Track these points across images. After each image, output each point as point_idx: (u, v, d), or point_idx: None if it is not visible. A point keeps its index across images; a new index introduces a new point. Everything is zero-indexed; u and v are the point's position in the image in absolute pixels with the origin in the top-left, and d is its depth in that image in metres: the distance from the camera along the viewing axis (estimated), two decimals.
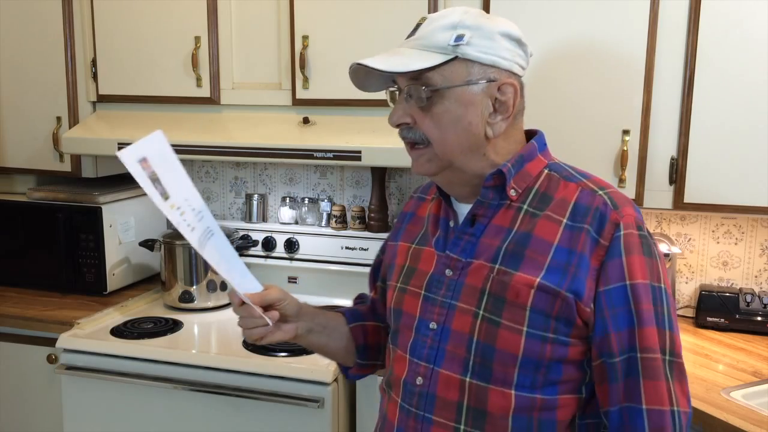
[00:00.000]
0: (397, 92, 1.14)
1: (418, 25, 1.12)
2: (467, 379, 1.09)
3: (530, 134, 1.21)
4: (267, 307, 1.20)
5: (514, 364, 1.07)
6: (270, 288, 1.23)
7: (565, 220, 1.09)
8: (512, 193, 1.13)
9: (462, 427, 1.10)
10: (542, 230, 1.09)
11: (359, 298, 1.48)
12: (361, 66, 1.09)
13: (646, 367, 1.04)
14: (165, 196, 1.08)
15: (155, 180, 1.07)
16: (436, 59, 1.07)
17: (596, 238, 1.06)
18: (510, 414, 1.08)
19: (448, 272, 1.15)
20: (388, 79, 1.13)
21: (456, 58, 1.07)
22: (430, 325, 1.15)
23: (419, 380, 1.14)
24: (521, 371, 1.07)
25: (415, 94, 1.09)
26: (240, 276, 1.17)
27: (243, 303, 1.17)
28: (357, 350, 1.36)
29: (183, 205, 1.12)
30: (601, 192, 1.11)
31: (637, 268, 1.05)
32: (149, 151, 1.08)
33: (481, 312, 1.10)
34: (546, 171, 1.16)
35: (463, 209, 1.18)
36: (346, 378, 1.46)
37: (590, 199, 1.10)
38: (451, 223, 1.19)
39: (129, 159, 1.05)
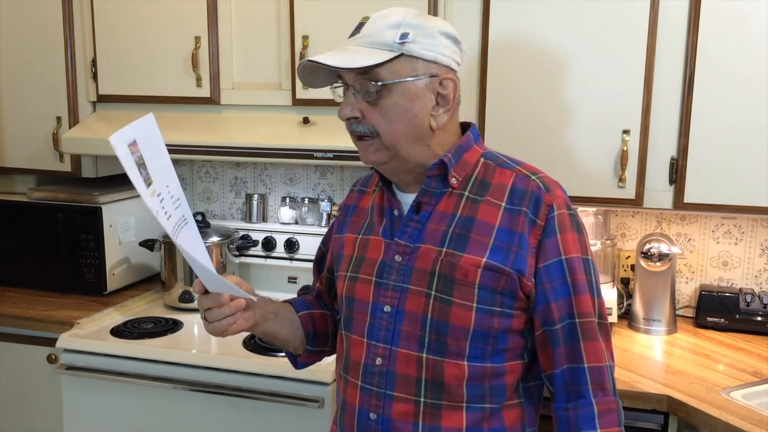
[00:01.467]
0: (343, 88, 1.21)
1: (360, 25, 1.19)
2: (423, 355, 1.19)
3: (464, 126, 1.30)
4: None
5: (466, 338, 1.17)
6: (230, 276, 1.28)
7: (504, 204, 1.20)
8: (453, 181, 1.22)
9: (422, 399, 1.19)
10: (484, 214, 1.19)
11: (303, 290, 1.55)
12: (313, 63, 1.16)
13: (585, 330, 1.18)
14: (148, 181, 1.08)
15: (141, 165, 1.07)
16: (385, 56, 1.15)
17: (533, 219, 1.18)
18: (464, 383, 1.18)
19: (397, 258, 1.23)
20: (333, 75, 1.21)
21: (402, 54, 1.15)
22: (385, 309, 1.22)
23: (379, 360, 1.22)
24: (472, 343, 1.17)
25: (363, 88, 1.17)
26: (208, 264, 1.17)
27: (206, 292, 1.21)
28: (306, 337, 1.41)
29: (163, 192, 1.12)
30: (534, 177, 1.22)
31: (570, 244, 1.18)
32: (139, 135, 1.09)
33: (432, 292, 1.19)
34: (482, 159, 1.26)
35: (406, 198, 1.27)
36: (296, 368, 1.49)
37: (525, 183, 1.21)
38: (396, 212, 1.27)
39: (119, 142, 1.04)
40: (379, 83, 1.15)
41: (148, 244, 2.45)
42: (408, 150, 1.20)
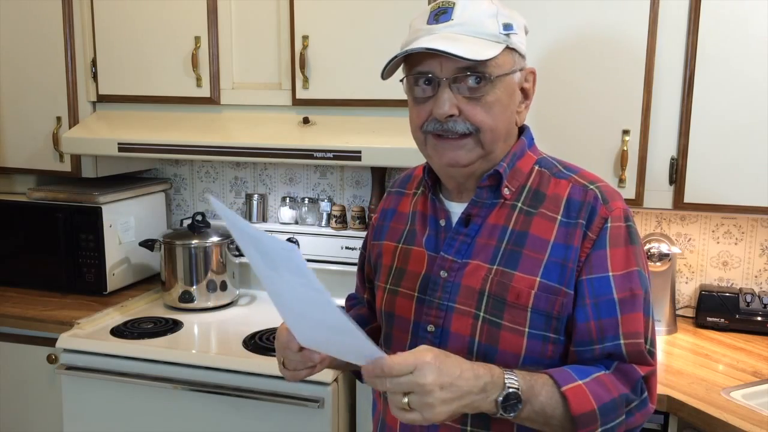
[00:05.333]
0: (428, 82, 1.09)
1: (444, 10, 1.08)
2: None
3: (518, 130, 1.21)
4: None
5: (516, 364, 1.08)
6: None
7: (560, 217, 1.10)
8: (506, 192, 1.13)
9: (468, 428, 1.11)
10: (538, 228, 1.10)
11: (351, 299, 1.46)
12: (436, 51, 1.03)
13: (631, 353, 1.08)
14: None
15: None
16: (496, 48, 1.07)
17: (586, 232, 1.09)
18: None
19: (443, 273, 1.14)
20: (398, 66, 1.11)
21: (506, 47, 1.09)
22: (428, 328, 1.14)
23: None
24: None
25: (465, 82, 1.07)
26: (358, 345, 0.99)
27: (301, 349, 1.12)
28: None
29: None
30: (592, 186, 1.12)
31: (621, 259, 1.08)
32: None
33: (481, 314, 1.09)
34: (537, 168, 1.17)
35: (454, 207, 1.18)
36: (362, 382, 1.41)
37: (582, 194, 1.11)
38: (442, 222, 1.18)
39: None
40: (490, 76, 1.07)
41: (148, 244, 2.45)
42: (499, 150, 1.13)
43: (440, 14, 1.08)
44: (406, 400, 0.94)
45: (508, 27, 1.08)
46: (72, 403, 2.10)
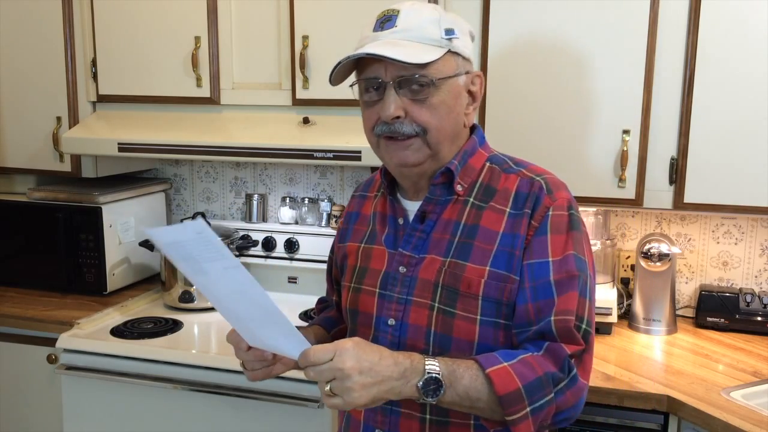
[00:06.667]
0: (376, 86, 1.14)
1: (389, 18, 1.14)
2: None
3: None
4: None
5: (470, 351, 1.13)
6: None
7: (508, 209, 1.16)
8: (459, 188, 1.19)
9: (427, 416, 1.16)
10: (488, 221, 1.16)
11: (322, 302, 1.51)
12: (376, 56, 1.10)
13: (560, 329, 1.10)
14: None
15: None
16: (437, 52, 1.12)
17: (530, 221, 1.14)
18: None
19: (401, 269, 1.19)
20: (350, 71, 1.18)
21: (448, 51, 1.13)
22: (389, 322, 1.19)
23: None
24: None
25: (409, 85, 1.12)
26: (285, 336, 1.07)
27: (249, 348, 1.16)
28: None
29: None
30: (538, 178, 1.18)
31: (560, 245, 1.12)
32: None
33: (436, 304, 1.15)
34: (488, 164, 1.22)
35: (412, 206, 1.23)
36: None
37: (529, 185, 1.17)
38: (401, 221, 1.23)
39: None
40: (432, 79, 1.11)
41: (148, 244, 2.45)
42: (446, 150, 1.17)
43: (385, 22, 1.15)
44: (328, 387, 1.01)
45: (449, 32, 1.13)
46: (72, 403, 2.10)
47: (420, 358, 1.04)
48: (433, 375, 1.02)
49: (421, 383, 1.02)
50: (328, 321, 1.42)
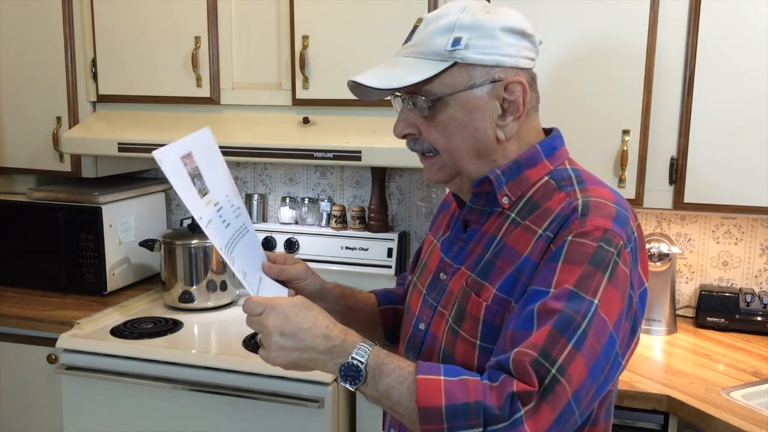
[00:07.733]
0: (401, 99, 1.09)
1: (414, 28, 1.07)
2: None
3: (548, 133, 1.15)
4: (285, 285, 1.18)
5: None
6: (296, 263, 1.21)
7: (540, 231, 1.02)
8: (504, 200, 1.07)
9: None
10: (517, 240, 1.04)
11: (402, 278, 1.46)
12: (354, 84, 1.05)
13: (515, 362, 0.94)
14: (203, 191, 1.07)
15: (196, 176, 1.06)
16: (433, 68, 1.02)
17: (549, 245, 1.00)
18: None
19: (442, 275, 1.14)
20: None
21: (455, 63, 1.02)
22: (420, 326, 1.16)
23: None
24: None
25: (416, 104, 1.05)
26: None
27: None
28: (385, 331, 1.34)
29: (222, 201, 1.11)
30: (580, 198, 1.02)
31: (568, 275, 0.96)
32: (196, 146, 1.08)
33: (450, 320, 1.09)
34: (546, 178, 1.08)
35: None
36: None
37: (567, 206, 1.02)
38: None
39: (170, 155, 1.03)
40: (431, 98, 1.03)
41: (148, 244, 2.45)
42: (471, 167, 1.07)
43: (411, 33, 1.07)
44: (259, 337, 1.01)
45: (456, 42, 1.01)
46: (72, 403, 2.10)
47: (355, 339, 1.00)
48: (355, 362, 0.98)
49: (341, 366, 0.98)
50: (388, 295, 1.37)
